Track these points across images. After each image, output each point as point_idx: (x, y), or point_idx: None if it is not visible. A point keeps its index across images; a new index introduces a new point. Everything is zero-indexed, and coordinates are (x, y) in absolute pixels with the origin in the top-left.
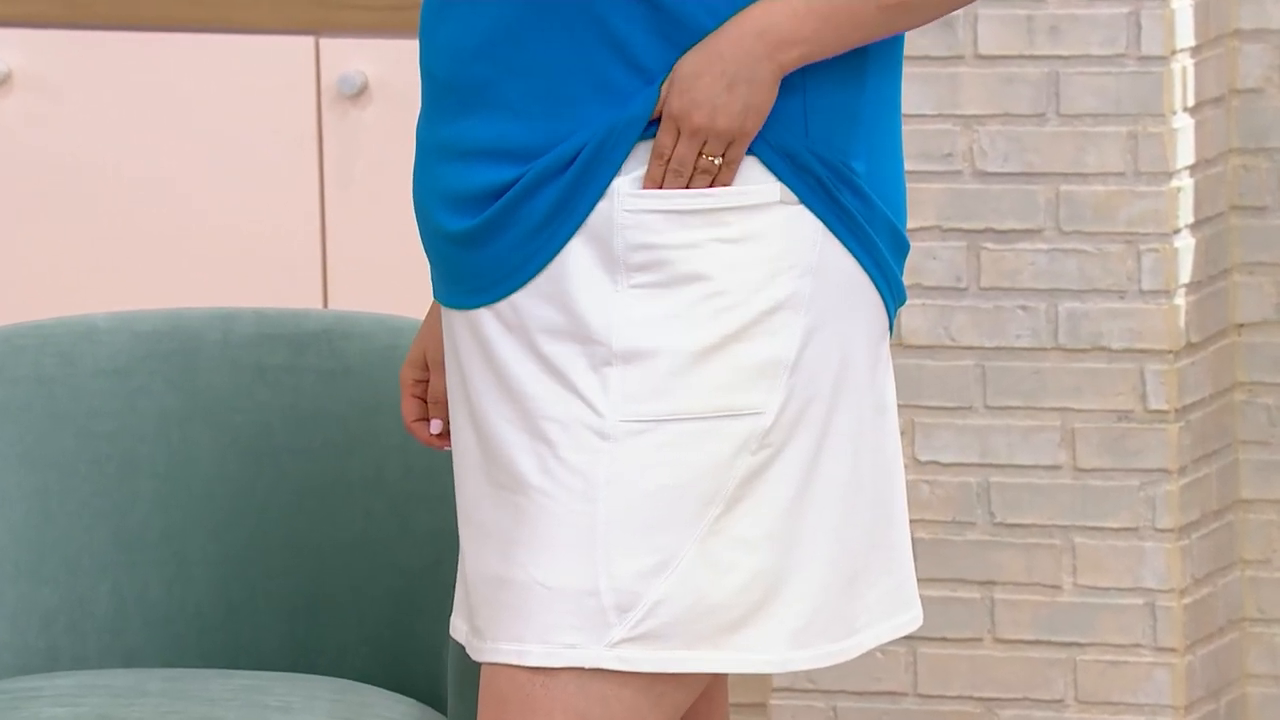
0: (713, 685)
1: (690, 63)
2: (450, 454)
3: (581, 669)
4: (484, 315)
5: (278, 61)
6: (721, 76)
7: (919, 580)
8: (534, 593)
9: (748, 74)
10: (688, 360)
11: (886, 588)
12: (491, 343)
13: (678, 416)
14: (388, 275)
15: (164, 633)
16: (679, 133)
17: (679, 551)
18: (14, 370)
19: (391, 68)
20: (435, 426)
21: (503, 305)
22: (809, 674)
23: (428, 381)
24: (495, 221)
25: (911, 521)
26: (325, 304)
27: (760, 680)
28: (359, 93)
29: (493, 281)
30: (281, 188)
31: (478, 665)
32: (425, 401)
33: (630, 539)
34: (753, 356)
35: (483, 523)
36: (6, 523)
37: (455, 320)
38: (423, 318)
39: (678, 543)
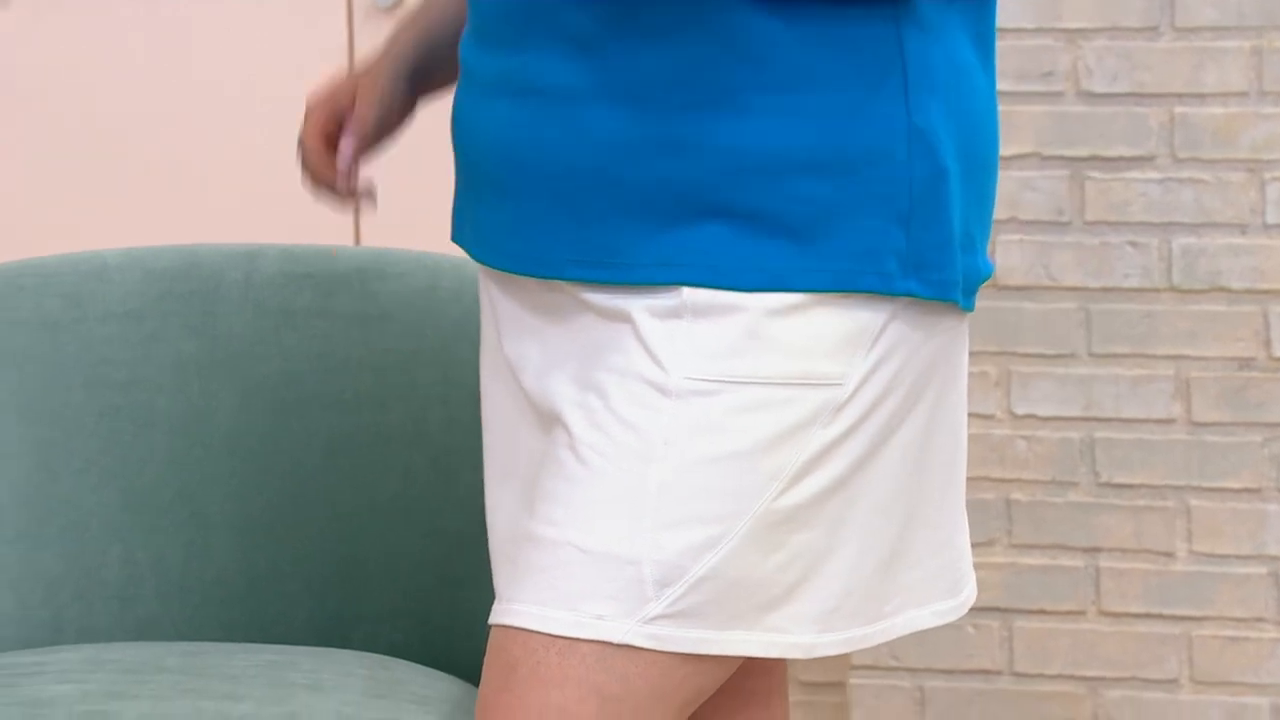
0: (769, 661)
1: None
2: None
3: (608, 643)
4: None
5: None
6: None
7: (1015, 546)
8: (566, 554)
9: None
10: (770, 317)
11: (931, 570)
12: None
13: (753, 380)
14: (426, 209)
15: (181, 603)
16: None
17: (734, 527)
18: (15, 313)
19: None
20: (346, 146)
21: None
22: (891, 649)
23: (340, 119)
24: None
25: (1007, 481)
26: (357, 241)
27: (838, 656)
28: (395, 4)
29: (539, 258)
30: None
31: None
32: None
33: (684, 509)
34: (841, 320)
35: (514, 472)
36: (6, 481)
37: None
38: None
39: (734, 516)
